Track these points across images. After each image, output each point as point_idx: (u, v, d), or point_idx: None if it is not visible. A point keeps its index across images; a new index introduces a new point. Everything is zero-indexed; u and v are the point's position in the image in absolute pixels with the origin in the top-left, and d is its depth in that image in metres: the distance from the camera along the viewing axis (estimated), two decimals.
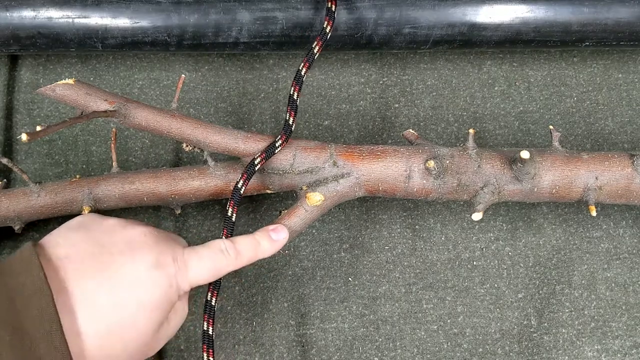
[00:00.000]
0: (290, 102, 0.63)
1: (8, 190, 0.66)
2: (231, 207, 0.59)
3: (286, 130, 0.62)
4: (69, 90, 0.58)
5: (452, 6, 0.73)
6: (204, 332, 0.56)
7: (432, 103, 0.80)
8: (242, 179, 0.59)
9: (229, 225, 0.58)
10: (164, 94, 0.79)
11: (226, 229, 0.58)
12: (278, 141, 0.61)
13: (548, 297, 0.72)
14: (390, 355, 0.69)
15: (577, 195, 0.64)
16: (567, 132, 0.79)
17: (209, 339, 0.56)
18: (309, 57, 0.65)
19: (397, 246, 0.73)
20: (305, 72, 0.64)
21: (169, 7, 0.70)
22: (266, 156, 0.61)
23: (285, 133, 0.62)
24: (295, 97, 0.63)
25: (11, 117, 0.77)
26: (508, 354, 0.69)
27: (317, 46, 0.66)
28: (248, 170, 0.60)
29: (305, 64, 0.64)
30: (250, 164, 0.60)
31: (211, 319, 0.56)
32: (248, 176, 0.60)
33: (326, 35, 0.67)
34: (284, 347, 0.69)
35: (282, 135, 0.61)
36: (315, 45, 0.66)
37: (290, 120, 0.62)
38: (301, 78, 0.64)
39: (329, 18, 0.67)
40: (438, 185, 0.63)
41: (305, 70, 0.64)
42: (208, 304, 0.57)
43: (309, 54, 0.65)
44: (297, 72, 0.64)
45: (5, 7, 0.69)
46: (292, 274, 0.72)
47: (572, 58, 0.83)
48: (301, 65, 0.64)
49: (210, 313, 0.56)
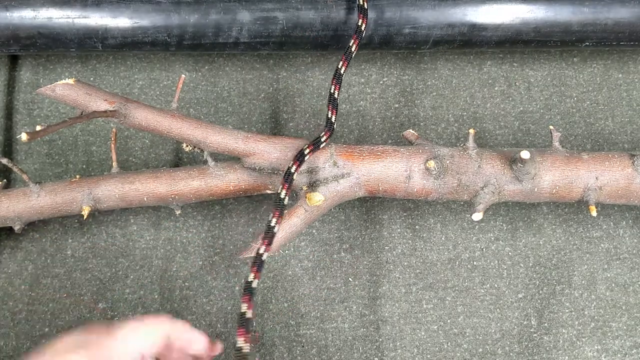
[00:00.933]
0: (332, 100, 0.64)
1: (8, 190, 0.66)
2: (275, 216, 0.58)
3: (329, 127, 0.63)
4: (69, 90, 0.58)
5: (452, 6, 0.73)
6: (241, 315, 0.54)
7: (432, 103, 0.80)
8: (295, 165, 0.59)
9: (268, 235, 0.57)
10: (164, 94, 0.79)
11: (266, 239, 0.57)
12: (323, 137, 0.62)
13: (548, 297, 0.72)
14: (390, 355, 0.69)
15: (577, 195, 0.64)
16: (567, 132, 0.79)
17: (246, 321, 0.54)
18: (347, 55, 0.66)
19: (397, 246, 0.73)
20: (344, 70, 0.65)
21: (169, 7, 0.70)
22: (314, 149, 0.61)
23: (329, 129, 0.63)
24: (336, 95, 0.64)
25: (11, 117, 0.77)
26: (508, 354, 0.69)
27: (354, 44, 0.66)
28: (299, 158, 0.60)
29: (344, 62, 0.65)
30: (299, 153, 0.60)
31: (251, 301, 0.54)
32: (300, 163, 0.60)
33: (362, 33, 0.67)
34: (284, 347, 0.69)
35: (326, 132, 0.62)
36: (352, 43, 0.66)
37: (333, 117, 0.63)
38: (341, 76, 0.65)
39: (363, 15, 0.68)
40: (438, 186, 0.63)
41: (344, 68, 0.65)
42: (248, 285, 0.55)
43: (347, 51, 0.66)
44: (336, 70, 0.65)
45: (5, 7, 0.69)
46: (292, 274, 0.72)
47: (572, 58, 0.83)
48: (340, 64, 0.65)
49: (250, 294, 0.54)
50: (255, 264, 0.56)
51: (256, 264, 0.56)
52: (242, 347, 0.51)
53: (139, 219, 0.73)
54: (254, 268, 0.55)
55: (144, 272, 0.71)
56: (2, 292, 0.70)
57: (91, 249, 0.72)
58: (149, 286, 0.71)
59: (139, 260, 0.72)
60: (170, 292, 0.70)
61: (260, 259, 0.56)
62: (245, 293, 0.54)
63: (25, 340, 0.68)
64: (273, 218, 0.57)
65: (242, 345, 0.51)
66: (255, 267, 0.55)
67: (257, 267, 0.56)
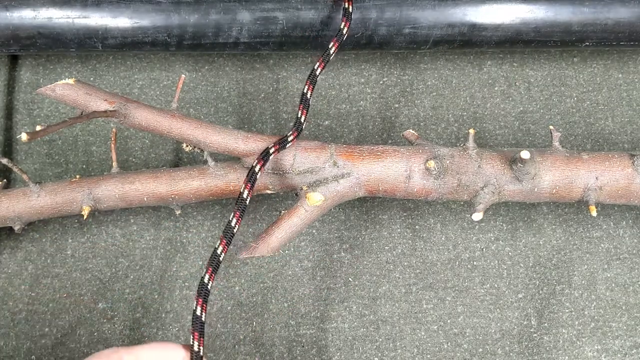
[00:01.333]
0: (303, 100, 0.63)
1: (8, 190, 0.66)
2: (235, 217, 0.55)
3: (297, 127, 0.62)
4: (69, 90, 0.58)
5: (452, 6, 0.73)
6: (195, 316, 0.53)
7: (432, 103, 0.80)
8: (259, 164, 0.58)
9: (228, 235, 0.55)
10: (164, 94, 0.79)
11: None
12: (290, 136, 0.61)
13: (548, 297, 0.72)
14: (390, 355, 0.69)
15: (578, 195, 0.64)
16: (567, 132, 0.79)
17: (200, 323, 0.52)
18: (324, 57, 0.65)
19: (397, 246, 0.73)
20: (320, 71, 0.64)
21: (169, 7, 0.70)
22: (279, 148, 0.60)
23: (297, 129, 0.62)
24: (308, 95, 0.63)
25: (11, 117, 0.77)
26: (508, 354, 0.69)
27: (333, 47, 0.66)
28: (264, 157, 0.59)
29: (320, 63, 0.65)
30: (265, 152, 0.59)
31: (205, 303, 0.53)
32: (264, 162, 0.58)
33: (343, 36, 0.67)
34: (284, 347, 0.69)
35: (294, 132, 0.61)
36: (332, 45, 0.66)
37: (302, 117, 0.62)
38: (315, 77, 0.64)
39: (346, 19, 0.68)
40: (438, 186, 0.63)
41: (320, 69, 0.64)
42: (203, 285, 0.53)
43: (325, 53, 0.65)
44: (312, 71, 0.64)
45: (5, 7, 0.69)
46: (292, 274, 0.72)
47: (572, 58, 0.83)
48: (317, 65, 0.65)
49: (203, 295, 0.53)
50: (212, 264, 0.53)
51: (212, 264, 0.53)
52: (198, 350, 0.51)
53: (139, 219, 0.73)
54: (210, 268, 0.53)
55: (144, 272, 0.71)
56: (2, 292, 0.70)
57: (91, 249, 0.72)
58: (149, 286, 0.71)
59: (139, 260, 0.72)
60: (170, 292, 0.70)
61: (217, 259, 0.54)
62: (199, 294, 0.52)
63: (25, 340, 0.68)
64: (233, 218, 0.55)
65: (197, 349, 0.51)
66: (211, 267, 0.53)
67: (213, 267, 0.53)
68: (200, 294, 0.52)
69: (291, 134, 0.61)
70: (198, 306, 0.52)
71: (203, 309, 0.52)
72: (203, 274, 0.53)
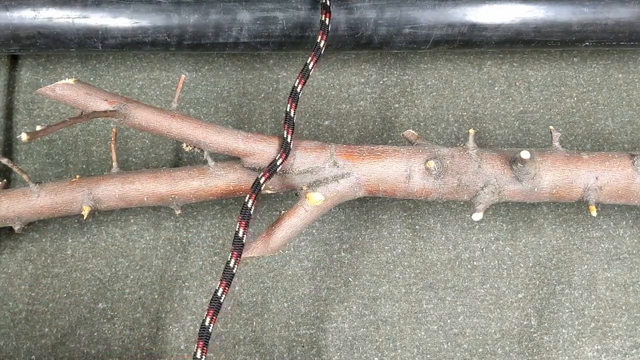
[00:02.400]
0: (288, 119, 0.62)
1: (8, 190, 0.66)
2: (242, 226, 0.57)
3: (285, 148, 0.61)
4: (69, 90, 0.58)
5: (452, 6, 0.73)
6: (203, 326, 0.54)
7: (432, 103, 0.80)
8: (252, 198, 0.59)
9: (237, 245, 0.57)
10: (164, 94, 0.79)
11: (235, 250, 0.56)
12: (278, 159, 0.60)
13: (548, 297, 0.72)
14: (390, 355, 0.69)
15: (578, 195, 0.64)
16: (567, 132, 0.79)
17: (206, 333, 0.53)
18: (316, 52, 0.64)
19: (397, 246, 0.73)
20: (301, 88, 0.63)
21: (169, 7, 0.70)
22: (269, 175, 0.60)
23: (285, 151, 0.61)
24: (292, 114, 0.62)
25: (11, 117, 0.77)
26: (508, 354, 0.69)
27: (322, 40, 0.65)
28: (255, 189, 0.59)
29: (300, 80, 0.64)
30: (255, 183, 0.59)
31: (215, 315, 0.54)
32: (256, 195, 0.59)
33: (320, 50, 0.65)
34: (284, 347, 0.69)
35: (282, 154, 0.61)
36: (320, 39, 0.65)
37: (289, 137, 0.61)
38: (297, 95, 0.63)
39: (323, 32, 0.66)
40: (438, 186, 0.63)
41: (301, 87, 0.63)
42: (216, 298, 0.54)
43: (316, 48, 0.65)
44: (293, 89, 0.63)
45: (5, 7, 0.69)
46: (292, 274, 0.72)
47: (572, 58, 0.83)
48: (297, 82, 0.63)
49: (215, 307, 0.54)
50: (225, 277, 0.54)
51: (226, 277, 0.54)
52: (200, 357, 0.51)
53: (139, 219, 0.73)
54: (224, 282, 0.54)
55: (144, 272, 0.71)
56: (2, 292, 0.70)
57: (91, 249, 0.72)
58: (149, 286, 0.71)
59: (139, 260, 0.72)
60: (170, 292, 0.70)
61: (231, 272, 0.54)
62: (211, 306, 0.53)
63: (25, 340, 0.68)
64: (240, 228, 0.56)
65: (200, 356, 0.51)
66: (225, 280, 0.54)
67: (227, 280, 0.54)
68: (212, 306, 0.53)
69: (279, 157, 0.61)
70: (208, 317, 0.53)
71: (212, 320, 0.53)
72: (217, 287, 0.53)
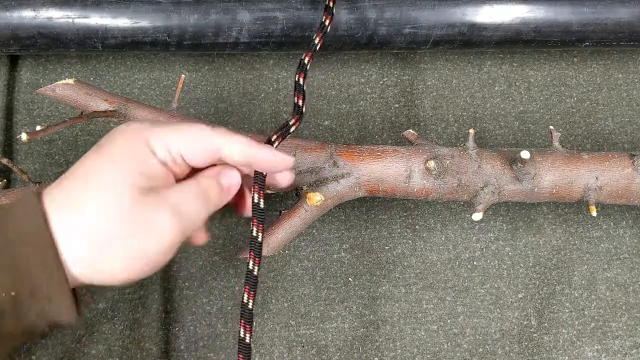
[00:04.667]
0: (297, 87, 0.59)
1: (8, 190, 0.65)
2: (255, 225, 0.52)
3: (297, 111, 0.57)
4: (69, 90, 0.58)
5: (452, 6, 0.73)
6: (243, 305, 0.52)
7: (432, 103, 0.80)
8: (276, 134, 0.54)
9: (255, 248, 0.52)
10: (164, 94, 0.79)
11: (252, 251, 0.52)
12: (291, 121, 0.56)
13: (548, 297, 0.72)
14: (390, 355, 0.69)
15: (578, 195, 0.64)
16: (567, 132, 0.79)
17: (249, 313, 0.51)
18: (311, 50, 0.63)
19: (397, 246, 0.73)
20: (308, 61, 0.61)
21: (169, 7, 0.70)
22: (282, 137, 0.55)
23: (298, 114, 0.57)
24: (301, 82, 0.59)
25: (11, 117, 0.77)
26: (508, 354, 0.69)
27: (317, 38, 0.64)
28: (283, 131, 0.55)
29: (307, 54, 0.62)
30: (267, 141, 0.54)
31: (253, 290, 0.51)
32: (282, 134, 0.54)
33: (326, 29, 0.65)
34: (284, 347, 0.69)
35: (295, 117, 0.57)
36: (315, 37, 0.64)
37: (300, 102, 0.58)
38: (305, 66, 0.61)
39: (328, 14, 0.66)
40: (438, 186, 0.63)
41: (307, 58, 0.61)
42: (250, 274, 0.51)
43: (310, 45, 0.63)
44: (300, 61, 0.61)
45: (5, 7, 0.69)
46: (292, 274, 0.72)
47: (572, 58, 0.83)
48: (303, 55, 0.62)
49: (252, 284, 0.51)
50: (248, 282, 0.52)
51: (249, 282, 0.52)
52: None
53: None
54: (247, 287, 0.52)
55: None
56: None
57: None
58: (149, 286, 0.71)
59: None
60: (170, 292, 0.70)
61: (253, 277, 0.52)
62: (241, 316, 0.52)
63: None
64: (253, 227, 0.52)
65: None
66: (248, 285, 0.52)
67: (250, 285, 0.52)
68: (243, 316, 0.52)
69: (292, 119, 0.57)
70: (241, 327, 0.52)
71: (246, 330, 0.52)
72: (242, 294, 0.52)
